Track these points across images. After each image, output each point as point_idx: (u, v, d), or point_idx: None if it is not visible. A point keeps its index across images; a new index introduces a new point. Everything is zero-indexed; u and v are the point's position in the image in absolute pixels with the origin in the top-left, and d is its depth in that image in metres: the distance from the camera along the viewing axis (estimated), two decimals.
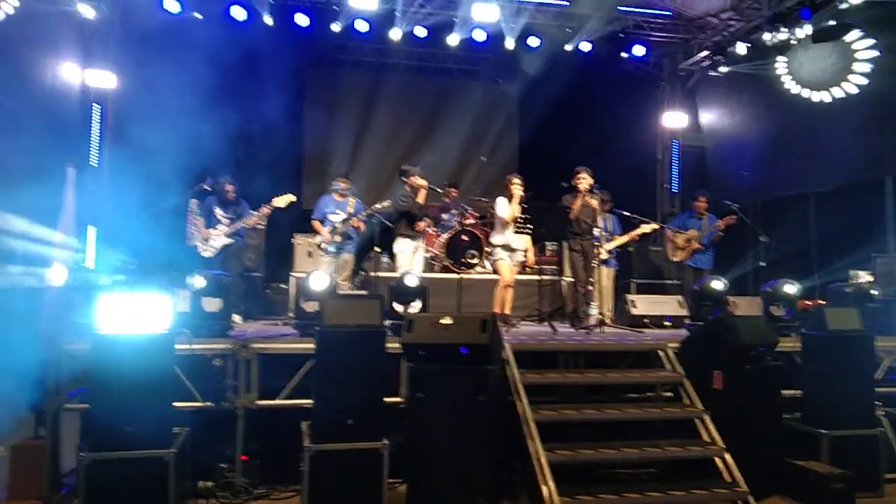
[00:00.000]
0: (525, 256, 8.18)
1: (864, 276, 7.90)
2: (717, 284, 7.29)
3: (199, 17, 10.17)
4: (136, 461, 4.69)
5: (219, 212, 8.35)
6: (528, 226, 7.57)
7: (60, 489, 5.38)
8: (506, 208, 7.89)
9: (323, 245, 8.45)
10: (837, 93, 9.58)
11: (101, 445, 4.70)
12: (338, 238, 8.40)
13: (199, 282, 6.05)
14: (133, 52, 10.27)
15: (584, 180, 7.91)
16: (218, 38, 9.67)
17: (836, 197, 10.06)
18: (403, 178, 8.34)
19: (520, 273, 8.46)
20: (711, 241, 9.38)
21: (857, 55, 9.28)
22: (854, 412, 5.92)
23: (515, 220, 7.81)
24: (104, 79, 10.22)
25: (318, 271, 6.70)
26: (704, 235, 9.33)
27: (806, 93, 10.05)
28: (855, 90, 9.36)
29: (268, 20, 10.41)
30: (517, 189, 7.89)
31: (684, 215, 9.99)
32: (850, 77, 9.40)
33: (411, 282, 6.57)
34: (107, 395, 4.72)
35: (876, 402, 6.16)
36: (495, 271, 8.07)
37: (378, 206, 8.42)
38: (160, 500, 4.72)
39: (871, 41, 9.10)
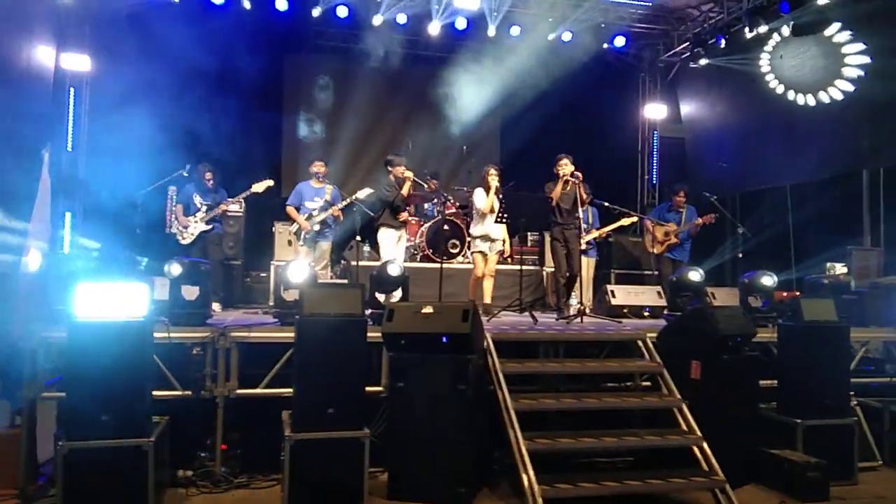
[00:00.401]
0: (503, 246, 8.18)
1: (840, 268, 8.02)
2: (695, 276, 7.36)
3: (177, 0, 10.03)
4: (115, 450, 4.63)
5: (198, 199, 8.28)
6: (506, 216, 7.55)
7: (37, 478, 5.31)
8: (483, 199, 7.90)
9: (300, 233, 8.35)
10: (822, 97, 9.56)
11: (78, 434, 4.63)
12: (316, 226, 8.31)
13: (175, 269, 5.99)
14: (108, 35, 10.09)
15: (565, 167, 7.89)
16: (195, 23, 9.56)
17: (813, 189, 10.18)
18: (389, 168, 8.25)
19: (499, 263, 8.46)
20: (689, 235, 9.45)
21: (846, 59, 9.21)
22: (829, 402, 5.99)
23: (493, 211, 7.79)
24: (79, 62, 10.05)
25: (297, 261, 6.67)
26: (683, 231, 9.39)
27: (791, 94, 10.07)
28: (840, 96, 9.33)
29: (246, 4, 10.31)
30: (494, 180, 7.89)
31: (662, 207, 10.03)
32: (836, 82, 9.37)
33: (393, 271, 6.55)
34: (84, 383, 4.66)
35: (850, 393, 6.26)
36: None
37: (359, 194, 8.34)
38: (139, 489, 4.67)
39: (861, 45, 9.02)
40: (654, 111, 13.23)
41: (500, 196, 7.76)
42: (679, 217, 9.50)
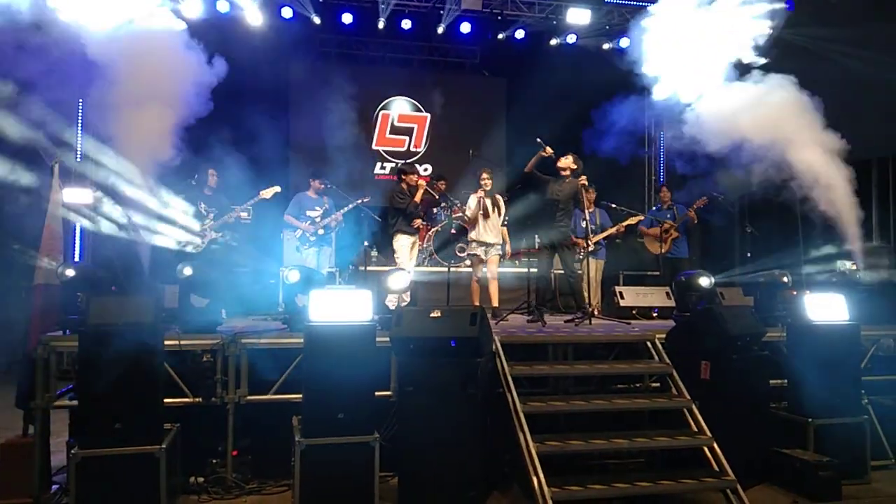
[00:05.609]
0: (501, 250, 8.14)
1: (850, 265, 7.97)
2: (705, 281, 7.32)
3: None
4: (127, 458, 4.68)
5: (203, 206, 8.31)
6: (505, 218, 7.68)
7: (51, 487, 5.36)
8: (473, 205, 7.94)
9: (305, 237, 8.54)
10: None
11: (90, 442, 4.68)
12: (321, 231, 8.51)
13: (188, 271, 6.03)
14: None
15: (563, 162, 7.68)
16: (201, 29, 9.60)
17: None
18: (402, 177, 8.32)
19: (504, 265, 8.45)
20: (686, 227, 9.54)
21: None
22: (840, 400, 5.97)
23: (489, 216, 7.85)
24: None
25: (300, 266, 6.73)
26: (679, 224, 9.47)
27: None
28: None
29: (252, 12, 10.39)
30: (486, 184, 7.91)
31: (653, 211, 10.16)
32: None
33: (404, 279, 6.50)
34: (96, 391, 4.70)
35: (861, 391, 6.23)
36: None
37: (359, 200, 8.55)
38: (151, 496, 4.71)
39: None
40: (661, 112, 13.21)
41: (505, 199, 7.76)
42: (672, 213, 9.69)
